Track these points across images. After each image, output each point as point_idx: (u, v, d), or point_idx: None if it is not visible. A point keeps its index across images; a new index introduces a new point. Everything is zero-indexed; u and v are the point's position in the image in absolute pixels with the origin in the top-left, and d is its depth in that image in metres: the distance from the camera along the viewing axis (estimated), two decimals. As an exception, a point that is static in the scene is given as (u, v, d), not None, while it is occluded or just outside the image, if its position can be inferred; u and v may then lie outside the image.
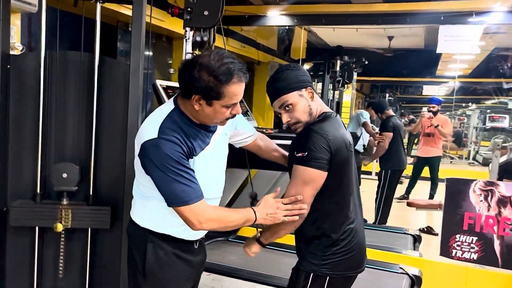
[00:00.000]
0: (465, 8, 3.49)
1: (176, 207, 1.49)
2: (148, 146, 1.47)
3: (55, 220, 2.01)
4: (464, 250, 3.24)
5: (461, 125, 13.02)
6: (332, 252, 1.73)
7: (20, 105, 2.04)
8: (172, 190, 1.46)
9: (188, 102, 1.51)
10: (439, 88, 10.38)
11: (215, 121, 1.56)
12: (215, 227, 1.56)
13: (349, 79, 5.27)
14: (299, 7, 4.02)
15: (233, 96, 1.48)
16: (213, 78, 1.43)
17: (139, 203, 1.66)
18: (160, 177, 1.46)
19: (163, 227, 1.63)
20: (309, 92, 1.74)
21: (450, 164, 10.77)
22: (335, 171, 1.69)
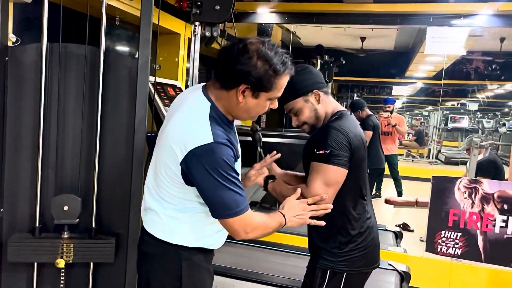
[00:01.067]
0: (453, 11, 3.61)
1: (226, 218, 1.37)
2: (202, 152, 1.31)
3: (56, 255, 1.89)
4: (449, 246, 3.36)
5: (421, 124, 13.54)
6: (349, 248, 1.75)
7: (19, 94, 1.92)
8: (225, 200, 1.35)
9: (226, 94, 1.39)
10: (407, 88, 10.74)
11: (252, 115, 1.45)
12: (257, 235, 1.46)
13: (329, 78, 5.34)
14: (289, 5, 4.01)
15: (281, 89, 1.42)
16: (270, 68, 1.34)
17: (167, 218, 1.47)
18: (213, 185, 1.33)
19: (196, 240, 1.49)
20: (316, 95, 1.74)
21: (412, 163, 11.16)
22: (355, 168, 1.70)
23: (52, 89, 1.93)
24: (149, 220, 1.51)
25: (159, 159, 1.43)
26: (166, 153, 1.39)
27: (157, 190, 1.46)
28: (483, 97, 11.30)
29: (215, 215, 1.39)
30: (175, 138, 1.37)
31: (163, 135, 1.44)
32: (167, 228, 1.47)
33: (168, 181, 1.40)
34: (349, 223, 1.75)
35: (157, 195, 1.47)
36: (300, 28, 6.12)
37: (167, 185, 1.41)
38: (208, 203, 1.38)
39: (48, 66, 1.91)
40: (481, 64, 7.62)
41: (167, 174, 1.39)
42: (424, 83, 10.05)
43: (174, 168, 1.37)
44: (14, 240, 1.88)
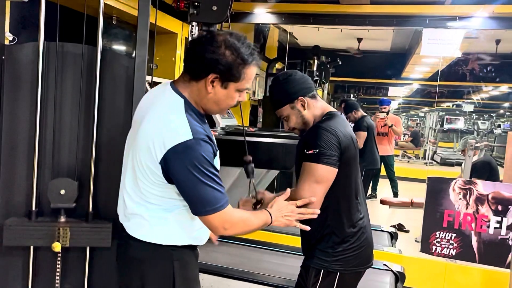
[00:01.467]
0: (449, 13, 3.63)
1: (206, 215, 1.37)
2: (182, 149, 1.32)
3: (52, 239, 1.87)
4: (444, 247, 3.38)
5: (417, 125, 13.59)
6: (343, 248, 1.76)
7: (15, 93, 1.91)
8: (204, 196, 1.34)
9: (196, 86, 1.40)
10: (404, 89, 10.78)
11: (222, 107, 1.46)
12: (238, 232, 1.48)
13: (325, 79, 5.36)
14: (286, 5, 4.03)
15: (249, 79, 1.43)
16: (237, 57, 1.36)
17: (154, 220, 1.44)
18: (192, 182, 1.33)
19: (185, 238, 1.48)
20: (301, 102, 1.79)
21: (408, 163, 11.20)
22: (345, 168, 1.72)
23: (49, 88, 1.93)
24: (134, 225, 1.47)
25: (137, 161, 1.40)
26: (144, 154, 1.37)
27: (139, 194, 1.43)
28: (478, 98, 11.36)
29: (195, 212, 1.38)
30: (153, 137, 1.35)
31: (137, 137, 1.42)
32: (155, 230, 1.44)
33: (150, 182, 1.39)
34: (342, 223, 1.77)
35: (140, 199, 1.44)
36: (297, 29, 6.14)
37: (150, 186, 1.40)
38: (188, 200, 1.38)
39: (45, 65, 1.91)
40: (476, 66, 7.67)
41: (148, 175, 1.38)
42: (420, 84, 10.10)
43: (154, 168, 1.36)
44: (10, 224, 1.87)
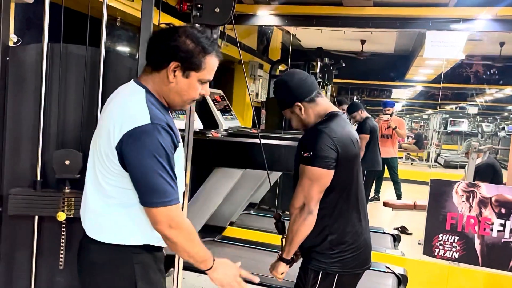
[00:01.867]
0: (452, 15, 3.63)
1: (153, 206, 1.32)
2: (139, 134, 1.29)
3: (57, 209, 1.88)
4: (446, 249, 3.37)
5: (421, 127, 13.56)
6: (341, 250, 1.77)
7: (19, 94, 1.93)
8: (154, 186, 1.30)
9: (158, 77, 1.40)
10: (407, 91, 10.77)
11: (185, 99, 1.43)
12: (178, 240, 1.35)
13: (328, 81, 5.36)
14: (289, 7, 4.03)
15: (211, 70, 1.43)
16: (197, 46, 1.37)
17: (111, 217, 1.40)
18: (145, 170, 1.29)
19: (143, 237, 1.42)
20: (298, 107, 1.81)
21: (411, 166, 11.18)
22: (344, 169, 1.73)
23: (53, 89, 1.94)
24: (92, 226, 1.44)
25: (97, 151, 1.39)
26: (103, 141, 1.35)
27: (98, 187, 1.40)
28: (481, 101, 11.32)
29: (142, 202, 1.33)
30: (113, 122, 1.33)
31: (99, 127, 1.44)
32: (112, 228, 1.40)
33: (108, 171, 1.36)
34: (340, 224, 1.77)
35: (98, 193, 1.41)
36: (301, 31, 6.14)
37: (107, 176, 1.36)
38: (137, 188, 1.33)
39: (49, 66, 1.92)
40: (480, 68, 7.65)
41: (106, 164, 1.35)
42: (424, 87, 10.08)
43: (111, 155, 1.33)
44: (15, 193, 1.88)
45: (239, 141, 2.78)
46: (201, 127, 3.51)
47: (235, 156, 2.60)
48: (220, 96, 4.49)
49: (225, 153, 2.74)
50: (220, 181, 3.08)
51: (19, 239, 1.96)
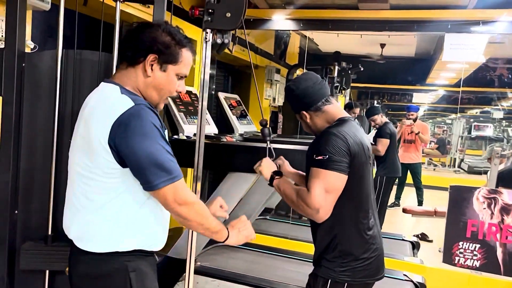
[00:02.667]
0: (472, 18, 3.54)
1: (161, 187, 1.27)
2: (128, 118, 1.25)
3: (67, 263, 1.89)
4: (467, 258, 3.27)
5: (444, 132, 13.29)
6: (351, 259, 1.72)
7: (35, 99, 1.97)
8: (159, 166, 1.26)
9: (134, 72, 1.37)
10: (429, 96, 10.57)
11: (162, 94, 1.41)
12: (190, 215, 1.34)
13: (346, 85, 5.30)
14: (305, 11, 4.01)
15: (187, 64, 1.43)
16: (173, 39, 1.39)
17: (103, 223, 1.33)
18: (145, 152, 1.25)
19: (136, 242, 1.36)
20: (303, 115, 1.82)
21: (434, 171, 10.96)
22: (355, 175, 1.68)
23: (67, 94, 1.98)
24: (79, 235, 1.37)
25: (83, 162, 1.32)
26: (88, 148, 1.30)
27: (84, 194, 1.34)
28: (508, 105, 11.01)
29: (149, 186, 1.29)
30: (94, 122, 1.29)
31: (77, 135, 1.37)
32: (101, 235, 1.34)
33: (103, 176, 1.30)
34: (350, 231, 1.73)
35: (84, 200, 1.34)
36: (319, 35, 6.10)
37: (96, 179, 1.30)
38: (141, 173, 1.28)
39: (63, 71, 1.96)
40: (504, 71, 7.44)
41: (96, 168, 1.29)
42: (446, 91, 9.87)
43: (103, 154, 1.27)
44: (27, 248, 1.91)
45: (251, 146, 2.76)
46: (216, 132, 3.52)
47: (248, 161, 2.59)
48: (236, 101, 4.50)
49: (238, 157, 2.74)
50: (233, 185, 3.07)
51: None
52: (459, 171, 10.84)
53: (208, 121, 3.50)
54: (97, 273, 1.35)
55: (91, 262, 1.35)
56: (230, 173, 3.24)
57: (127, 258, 1.35)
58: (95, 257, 1.34)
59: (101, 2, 2.10)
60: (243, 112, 4.52)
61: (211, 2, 2.04)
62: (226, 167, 3.00)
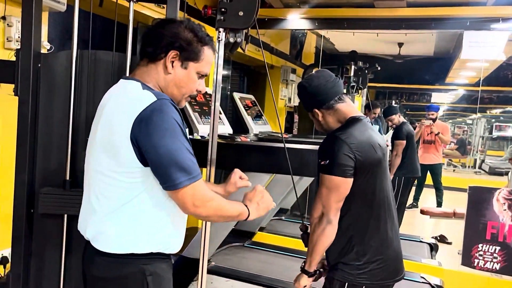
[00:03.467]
0: (491, 14, 3.46)
1: (180, 187, 1.23)
2: (150, 113, 1.22)
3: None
4: (487, 260, 3.20)
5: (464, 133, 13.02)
6: (368, 261, 1.69)
7: (50, 100, 1.99)
8: (179, 164, 1.22)
9: (155, 69, 1.35)
10: (448, 95, 10.38)
11: (183, 91, 1.39)
12: (209, 214, 1.32)
13: (363, 85, 5.24)
14: (320, 10, 3.98)
15: (208, 62, 1.40)
16: (195, 36, 1.36)
17: (121, 223, 1.30)
18: (167, 148, 1.21)
19: (155, 243, 1.33)
20: (315, 113, 1.80)
21: (454, 172, 10.76)
22: (365, 176, 1.66)
23: (82, 93, 2.00)
24: (95, 235, 1.34)
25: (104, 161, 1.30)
26: (110, 146, 1.28)
27: (102, 193, 1.32)
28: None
29: (168, 185, 1.25)
30: (116, 116, 1.27)
31: (97, 136, 1.34)
32: (120, 236, 1.30)
33: (124, 175, 1.27)
34: (365, 233, 1.70)
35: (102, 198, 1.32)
36: (335, 35, 6.05)
37: (123, 180, 1.28)
38: (161, 171, 1.24)
39: (78, 71, 1.98)
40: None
41: (122, 168, 1.27)
42: (466, 90, 9.66)
43: (127, 153, 1.24)
44: (45, 192, 1.94)
45: (264, 145, 2.75)
46: (230, 132, 3.52)
47: (261, 160, 2.58)
48: (251, 101, 4.49)
49: (252, 157, 2.73)
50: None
51: (50, 237, 2.02)
52: (479, 172, 10.61)
53: (223, 121, 3.51)
54: (113, 276, 1.32)
55: (107, 264, 1.32)
56: (245, 173, 3.25)
57: (144, 261, 1.31)
58: (111, 259, 1.31)
59: (116, 3, 2.11)
60: (258, 112, 4.51)
61: (224, 1, 2.04)
62: (240, 167, 3.00)
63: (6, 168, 2.31)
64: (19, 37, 2.24)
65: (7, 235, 2.01)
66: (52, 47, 2.19)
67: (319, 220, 1.69)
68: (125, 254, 1.30)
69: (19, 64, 1.93)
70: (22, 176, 1.97)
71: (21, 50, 1.93)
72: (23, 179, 1.96)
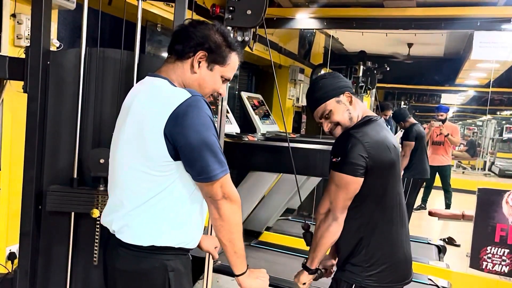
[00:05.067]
0: (502, 15, 3.42)
1: (216, 178, 1.28)
2: (186, 108, 1.25)
3: (92, 206, 1.94)
4: (495, 263, 3.17)
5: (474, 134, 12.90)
6: (377, 263, 1.67)
7: (59, 97, 2.00)
8: (215, 157, 1.27)
9: (181, 67, 1.38)
10: (458, 96, 10.29)
11: (205, 91, 1.41)
12: (228, 215, 1.33)
13: (371, 85, 5.22)
14: (328, 10, 3.97)
15: (233, 68, 1.43)
16: (224, 40, 1.39)
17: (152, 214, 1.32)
18: (203, 142, 1.25)
19: (175, 236, 1.35)
20: (347, 96, 1.71)
21: (463, 174, 10.66)
22: (378, 176, 1.64)
23: (90, 91, 2.01)
24: (122, 228, 1.35)
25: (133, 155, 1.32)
26: (141, 140, 1.30)
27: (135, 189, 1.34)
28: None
29: (204, 177, 1.28)
30: (149, 115, 1.29)
31: (126, 131, 1.36)
32: (145, 228, 1.33)
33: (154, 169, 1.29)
34: (375, 235, 1.68)
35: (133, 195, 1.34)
36: (344, 35, 6.03)
37: (153, 174, 1.30)
38: (195, 164, 1.27)
39: (87, 69, 1.99)
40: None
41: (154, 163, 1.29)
42: (476, 91, 9.57)
43: (159, 147, 1.27)
44: (53, 190, 1.95)
45: (272, 145, 2.75)
46: (238, 131, 3.53)
47: (268, 160, 2.58)
48: (258, 101, 4.50)
49: (259, 156, 2.73)
50: (254, 184, 3.07)
51: (57, 235, 2.03)
52: (489, 174, 10.51)
53: (230, 120, 3.52)
54: (136, 269, 1.34)
55: (130, 258, 1.34)
56: (251, 172, 3.25)
57: (167, 257, 1.34)
58: (135, 253, 1.32)
59: (125, 2, 2.12)
60: (266, 112, 4.52)
61: (232, 0, 2.05)
62: (247, 166, 3.01)
63: (15, 165, 2.33)
64: (28, 34, 2.25)
65: (15, 231, 2.03)
66: (61, 45, 2.20)
67: (325, 217, 1.68)
68: (147, 247, 1.32)
69: (28, 62, 1.94)
70: (30, 172, 1.98)
71: (30, 47, 1.94)
72: (31, 176, 1.98)
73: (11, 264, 2.43)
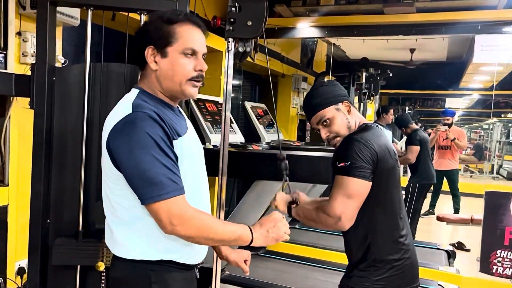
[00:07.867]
0: (502, 18, 3.43)
1: (150, 203, 1.19)
2: (122, 126, 1.21)
3: (97, 259, 1.92)
4: (506, 267, 3.14)
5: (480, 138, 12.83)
6: (385, 267, 1.67)
7: (65, 112, 2.02)
8: (148, 179, 1.18)
9: (147, 73, 1.35)
10: (463, 100, 10.27)
11: (177, 79, 1.31)
12: (192, 233, 1.23)
13: (375, 91, 5.22)
14: (329, 18, 4.00)
15: (189, 38, 1.30)
16: (159, 20, 1.31)
17: (126, 230, 1.31)
18: (135, 161, 1.18)
19: (163, 251, 1.31)
20: (346, 105, 1.73)
21: (471, 178, 10.59)
22: (383, 181, 1.64)
23: (95, 105, 2.03)
24: (109, 240, 1.38)
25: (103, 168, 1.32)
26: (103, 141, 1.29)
27: (107, 200, 1.34)
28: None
29: (142, 201, 1.21)
30: (104, 128, 1.29)
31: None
32: (124, 241, 1.31)
33: (109, 178, 1.29)
34: (382, 240, 1.68)
35: (108, 206, 1.34)
36: (345, 42, 6.06)
37: (109, 185, 1.30)
38: (132, 185, 1.21)
39: (91, 83, 2.02)
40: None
41: (106, 171, 1.30)
42: (481, 95, 9.54)
43: (105, 158, 1.26)
44: (59, 244, 1.95)
45: (275, 153, 2.76)
46: (242, 141, 3.54)
47: (273, 169, 2.58)
48: (263, 110, 4.52)
49: (264, 165, 2.74)
50: (260, 193, 3.08)
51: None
52: (497, 177, 10.42)
53: (235, 130, 3.53)
54: (122, 278, 1.34)
55: (119, 267, 1.34)
56: (257, 181, 3.25)
57: (153, 267, 1.30)
58: (123, 263, 1.32)
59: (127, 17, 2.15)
60: (270, 121, 4.53)
61: (232, 12, 2.07)
62: (252, 176, 3.01)
63: (23, 180, 2.35)
64: (34, 52, 2.29)
65: (24, 246, 2.04)
66: (66, 61, 2.24)
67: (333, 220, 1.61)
68: (136, 260, 1.31)
69: (34, 78, 1.97)
70: (37, 186, 2.00)
71: (36, 64, 1.98)
72: (39, 190, 2.00)
73: (21, 279, 2.44)
